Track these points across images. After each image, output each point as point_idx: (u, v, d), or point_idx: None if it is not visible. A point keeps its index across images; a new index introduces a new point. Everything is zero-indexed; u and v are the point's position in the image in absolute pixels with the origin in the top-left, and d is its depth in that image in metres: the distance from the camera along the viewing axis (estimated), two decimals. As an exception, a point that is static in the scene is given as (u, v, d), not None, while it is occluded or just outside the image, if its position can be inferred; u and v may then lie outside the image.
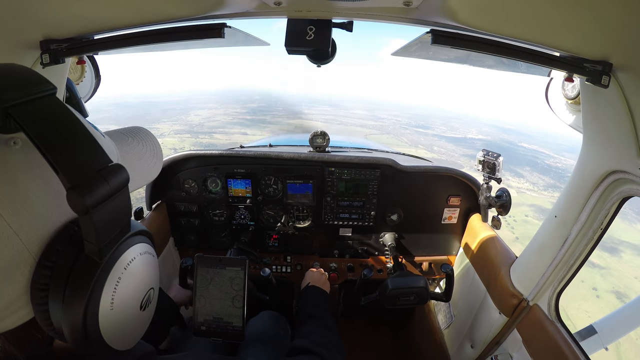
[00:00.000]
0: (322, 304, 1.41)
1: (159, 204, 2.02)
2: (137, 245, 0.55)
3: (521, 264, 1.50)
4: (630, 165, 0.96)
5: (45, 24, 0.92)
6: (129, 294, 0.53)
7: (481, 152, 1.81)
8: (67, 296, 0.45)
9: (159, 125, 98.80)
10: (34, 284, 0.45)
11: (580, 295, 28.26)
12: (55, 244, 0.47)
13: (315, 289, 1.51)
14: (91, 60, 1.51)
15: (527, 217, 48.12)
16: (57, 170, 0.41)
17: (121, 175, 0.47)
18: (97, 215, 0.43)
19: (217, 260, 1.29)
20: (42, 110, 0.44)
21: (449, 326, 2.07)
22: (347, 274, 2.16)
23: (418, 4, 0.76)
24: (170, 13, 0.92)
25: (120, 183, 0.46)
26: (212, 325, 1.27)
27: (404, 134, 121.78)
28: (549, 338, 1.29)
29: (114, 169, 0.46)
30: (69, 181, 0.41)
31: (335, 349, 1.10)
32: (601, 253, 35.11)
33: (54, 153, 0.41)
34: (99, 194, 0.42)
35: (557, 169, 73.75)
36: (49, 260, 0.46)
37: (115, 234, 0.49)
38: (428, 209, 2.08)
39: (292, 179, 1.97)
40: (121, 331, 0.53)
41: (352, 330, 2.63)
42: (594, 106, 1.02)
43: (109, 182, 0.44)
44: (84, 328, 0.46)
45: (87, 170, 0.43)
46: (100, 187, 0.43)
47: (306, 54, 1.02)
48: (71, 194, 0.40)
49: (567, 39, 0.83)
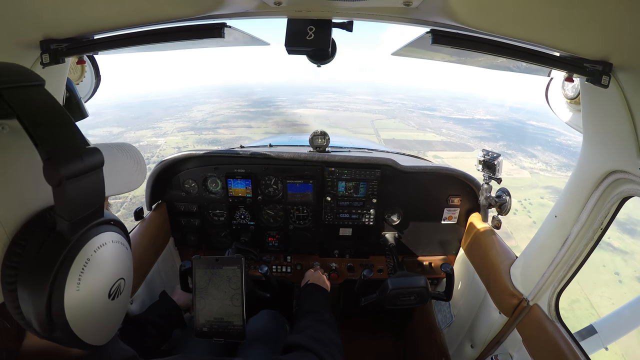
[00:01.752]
0: (320, 300, 1.41)
1: (159, 204, 2.02)
2: (109, 233, 0.56)
3: (521, 263, 1.50)
4: (630, 165, 0.96)
5: (45, 24, 0.92)
6: (97, 279, 0.54)
7: (481, 152, 1.81)
8: (35, 273, 0.47)
9: (162, 124, 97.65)
10: (5, 262, 0.47)
11: (602, 282, 26.84)
12: (31, 226, 0.49)
13: (314, 286, 1.52)
14: (91, 60, 1.51)
15: (542, 199, 45.51)
16: (37, 143, 0.43)
17: (96, 156, 0.49)
18: (69, 188, 0.45)
19: (214, 261, 1.29)
20: (30, 95, 0.47)
21: (449, 326, 2.07)
22: (347, 274, 2.16)
23: (418, 4, 0.76)
24: (170, 13, 0.92)
25: (95, 163, 0.48)
26: (213, 326, 1.27)
27: (411, 117, 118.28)
28: (549, 338, 1.29)
29: (89, 151, 0.48)
30: (46, 153, 0.43)
31: (332, 343, 1.09)
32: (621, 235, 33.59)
33: (37, 128, 0.44)
34: (73, 167, 0.45)
35: (568, 146, 70.81)
36: (23, 239, 0.48)
37: (87, 213, 0.51)
38: (428, 209, 2.08)
39: (292, 179, 1.97)
40: (89, 319, 0.53)
41: (352, 330, 2.63)
42: (594, 106, 1.02)
43: (84, 160, 0.47)
44: (48, 305, 0.47)
45: (66, 146, 0.46)
46: (75, 162, 0.45)
47: (306, 54, 1.02)
48: (47, 165, 0.43)
49: (567, 39, 0.82)
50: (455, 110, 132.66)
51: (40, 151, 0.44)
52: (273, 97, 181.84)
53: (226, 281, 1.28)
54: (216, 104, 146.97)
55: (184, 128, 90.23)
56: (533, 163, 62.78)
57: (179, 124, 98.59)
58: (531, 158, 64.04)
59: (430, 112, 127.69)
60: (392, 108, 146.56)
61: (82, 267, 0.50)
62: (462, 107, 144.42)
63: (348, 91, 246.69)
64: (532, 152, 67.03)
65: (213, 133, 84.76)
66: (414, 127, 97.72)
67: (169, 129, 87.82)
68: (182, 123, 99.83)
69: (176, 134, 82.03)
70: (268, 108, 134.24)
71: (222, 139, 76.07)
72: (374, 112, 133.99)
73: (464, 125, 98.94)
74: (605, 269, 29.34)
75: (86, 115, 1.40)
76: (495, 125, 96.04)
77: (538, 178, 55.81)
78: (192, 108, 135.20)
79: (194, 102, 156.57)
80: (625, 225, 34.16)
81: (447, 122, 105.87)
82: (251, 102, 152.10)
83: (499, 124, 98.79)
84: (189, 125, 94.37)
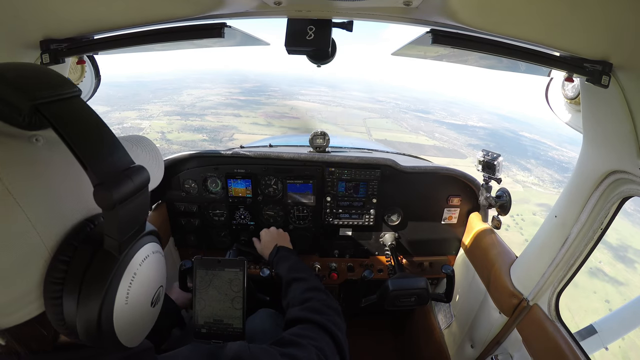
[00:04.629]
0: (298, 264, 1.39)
1: (159, 204, 2.02)
2: (150, 244, 0.57)
3: (521, 263, 1.50)
4: (630, 165, 0.96)
5: (45, 24, 0.92)
6: (142, 290, 0.55)
7: (481, 152, 1.81)
8: (84, 290, 0.46)
9: (149, 106, 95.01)
10: (49, 278, 0.46)
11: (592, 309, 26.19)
12: (72, 240, 0.48)
13: (286, 249, 1.50)
14: (91, 60, 1.51)
15: (535, 215, 45.56)
16: (86, 167, 0.43)
17: (143, 175, 0.49)
18: (121, 211, 0.45)
19: (216, 262, 1.28)
20: (70, 110, 0.46)
21: (449, 326, 2.07)
22: (347, 274, 2.16)
23: (418, 4, 0.76)
24: (170, 13, 0.92)
25: (143, 182, 0.49)
26: (212, 328, 1.26)
27: (404, 118, 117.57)
28: (549, 338, 1.29)
29: (137, 169, 0.48)
30: (97, 177, 0.43)
31: (329, 307, 1.08)
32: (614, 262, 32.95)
33: (83, 150, 0.43)
34: (124, 190, 0.45)
35: (560, 162, 70.81)
36: (66, 255, 0.47)
37: (134, 231, 0.51)
38: (428, 209, 2.08)
39: (292, 179, 1.97)
40: (132, 327, 0.55)
41: (352, 330, 2.62)
42: (594, 106, 1.02)
43: (134, 180, 0.46)
44: (98, 321, 0.47)
45: (114, 168, 0.45)
46: (126, 184, 0.45)
47: (306, 54, 1.02)
48: (99, 190, 0.42)
49: (567, 39, 0.83)
50: (449, 115, 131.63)
51: (91, 175, 0.42)
52: (265, 86, 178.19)
53: (227, 283, 1.27)
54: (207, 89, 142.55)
55: (170, 112, 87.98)
56: (526, 177, 62.21)
57: (166, 107, 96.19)
58: (524, 171, 63.61)
59: (424, 115, 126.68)
60: (385, 107, 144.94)
61: (129, 282, 0.51)
62: (455, 112, 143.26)
63: (342, 86, 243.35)
64: (526, 165, 66.59)
65: (200, 120, 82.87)
66: (406, 129, 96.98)
67: (155, 112, 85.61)
68: (169, 107, 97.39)
69: (162, 117, 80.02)
70: (259, 97, 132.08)
71: (209, 127, 73.99)
72: (367, 109, 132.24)
73: (458, 131, 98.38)
74: (596, 295, 29.00)
75: None
76: (488, 134, 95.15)
77: (531, 192, 55.35)
78: (182, 92, 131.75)
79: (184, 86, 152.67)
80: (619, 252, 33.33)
81: (440, 126, 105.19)
82: (242, 90, 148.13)
83: (493, 133, 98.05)
84: (175, 110, 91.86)
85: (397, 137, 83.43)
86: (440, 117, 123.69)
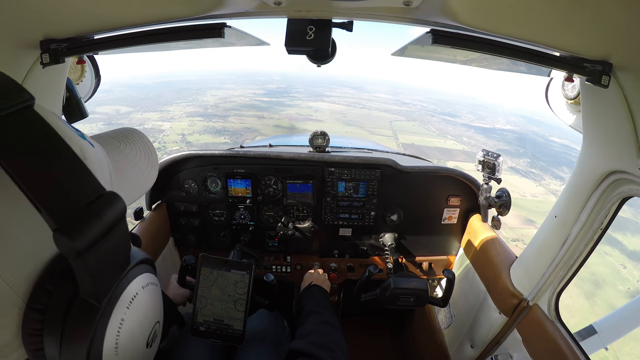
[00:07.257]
0: (323, 301, 1.39)
1: (158, 204, 2.02)
2: (139, 278, 0.49)
3: (521, 264, 1.50)
4: (630, 166, 0.96)
5: (45, 23, 0.92)
6: (134, 333, 0.48)
7: (481, 152, 1.81)
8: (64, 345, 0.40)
9: (172, 107, 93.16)
10: (25, 329, 0.40)
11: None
12: (45, 284, 0.41)
13: (316, 287, 1.50)
14: (91, 60, 1.51)
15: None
16: (39, 209, 0.34)
17: (116, 206, 0.39)
18: (91, 258, 0.36)
19: (223, 262, 1.28)
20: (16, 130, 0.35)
21: (449, 326, 2.07)
22: (347, 274, 2.16)
23: (418, 4, 0.76)
24: (170, 13, 0.92)
25: (116, 216, 0.39)
26: (211, 327, 1.26)
27: (431, 121, 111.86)
28: (549, 338, 1.29)
29: (107, 200, 0.39)
30: (54, 221, 0.34)
31: (336, 346, 1.07)
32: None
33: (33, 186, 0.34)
34: (91, 233, 0.36)
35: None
36: (39, 303, 0.40)
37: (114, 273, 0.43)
38: (428, 209, 2.08)
39: (292, 179, 1.97)
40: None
41: (352, 330, 2.63)
42: (594, 106, 1.02)
43: (102, 218, 0.37)
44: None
45: (76, 204, 0.36)
46: (92, 225, 0.36)
47: (306, 54, 1.02)
48: (58, 237, 0.34)
49: (567, 39, 0.83)
50: (476, 118, 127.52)
51: (46, 218, 0.34)
52: (290, 87, 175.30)
53: (232, 285, 1.27)
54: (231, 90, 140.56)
55: (193, 113, 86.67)
56: (560, 186, 56.84)
57: (189, 108, 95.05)
58: (557, 180, 58.43)
59: (452, 118, 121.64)
60: (411, 110, 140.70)
61: (117, 330, 0.44)
62: (483, 115, 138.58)
63: (367, 88, 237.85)
64: (559, 173, 61.06)
65: (222, 121, 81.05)
66: (434, 132, 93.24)
67: (177, 113, 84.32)
68: (192, 107, 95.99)
69: (184, 119, 78.66)
70: (283, 99, 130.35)
71: (231, 128, 72.38)
72: (393, 112, 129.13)
73: (486, 134, 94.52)
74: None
75: (86, 115, 1.40)
76: (517, 138, 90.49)
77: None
78: (206, 92, 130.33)
79: (208, 87, 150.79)
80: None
81: (468, 130, 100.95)
82: (266, 91, 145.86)
83: (521, 137, 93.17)
84: (198, 111, 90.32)
85: (424, 141, 79.25)
86: (468, 121, 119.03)
